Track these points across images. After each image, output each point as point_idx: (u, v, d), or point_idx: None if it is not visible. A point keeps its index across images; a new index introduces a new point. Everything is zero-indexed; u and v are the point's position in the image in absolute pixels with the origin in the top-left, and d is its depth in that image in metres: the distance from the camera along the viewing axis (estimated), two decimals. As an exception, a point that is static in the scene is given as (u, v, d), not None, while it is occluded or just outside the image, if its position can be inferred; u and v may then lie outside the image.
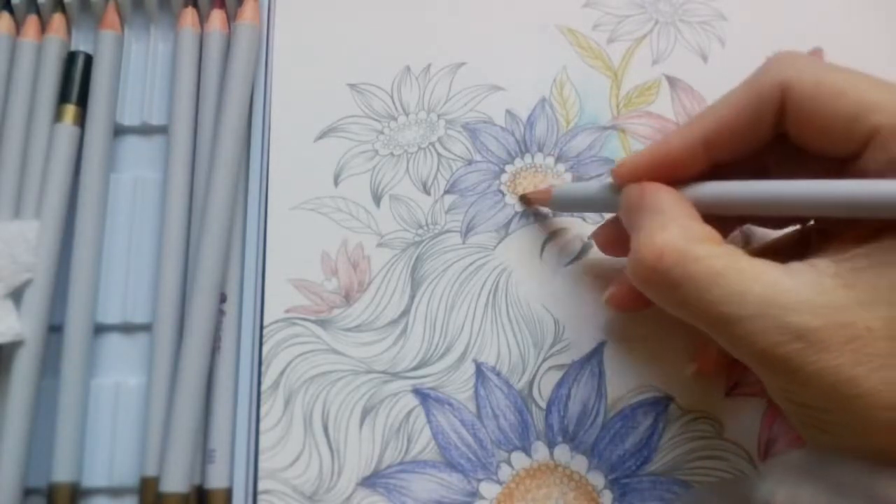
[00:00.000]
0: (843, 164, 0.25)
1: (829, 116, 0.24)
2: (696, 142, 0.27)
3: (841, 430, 0.23)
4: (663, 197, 0.26)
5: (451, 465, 0.30)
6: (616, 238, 0.30)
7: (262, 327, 0.32)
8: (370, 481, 0.30)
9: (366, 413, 0.30)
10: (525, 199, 0.34)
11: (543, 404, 0.31)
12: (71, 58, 0.35)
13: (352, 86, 0.36)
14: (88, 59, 0.35)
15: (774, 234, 0.30)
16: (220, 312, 0.31)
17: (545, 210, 0.34)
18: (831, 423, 0.23)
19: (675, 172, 0.27)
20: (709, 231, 0.25)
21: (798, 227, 0.30)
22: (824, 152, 0.25)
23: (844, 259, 0.23)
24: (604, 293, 0.30)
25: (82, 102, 0.34)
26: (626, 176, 0.28)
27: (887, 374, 0.21)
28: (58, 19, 0.35)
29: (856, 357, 0.22)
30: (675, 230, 0.24)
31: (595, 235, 0.32)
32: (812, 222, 0.28)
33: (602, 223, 0.32)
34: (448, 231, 0.33)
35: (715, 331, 0.24)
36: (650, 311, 0.32)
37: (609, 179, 0.29)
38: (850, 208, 0.24)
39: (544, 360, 0.31)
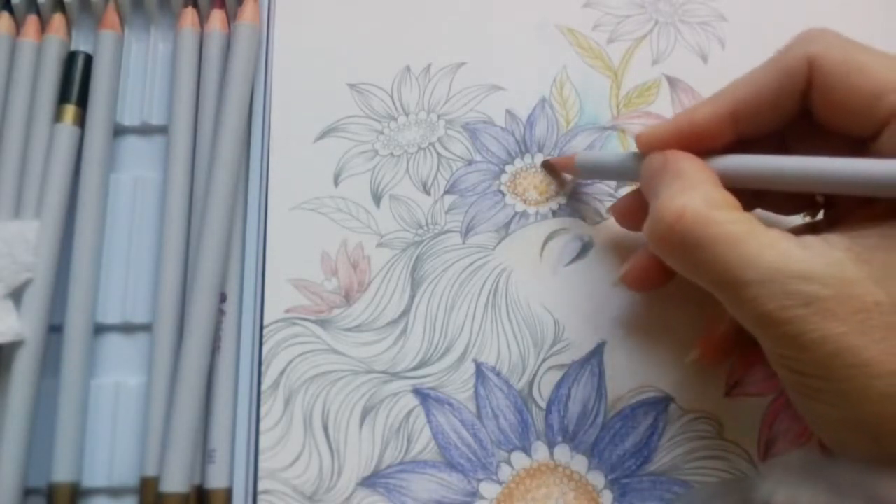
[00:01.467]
0: (862, 145, 0.25)
1: (853, 93, 0.25)
2: (725, 113, 0.27)
3: (835, 398, 0.23)
4: (686, 163, 0.26)
5: (451, 465, 0.30)
6: (636, 209, 0.30)
7: (262, 327, 0.32)
8: (370, 481, 0.30)
9: (366, 413, 0.30)
10: (548, 166, 0.34)
11: (543, 404, 0.31)
12: (71, 58, 0.35)
13: (352, 86, 0.36)
14: (88, 59, 0.35)
15: (783, 223, 0.31)
16: (220, 312, 0.31)
17: (566, 176, 0.34)
18: (826, 391, 0.23)
19: (701, 143, 0.27)
20: (729, 198, 0.25)
21: (808, 218, 0.30)
22: (846, 130, 0.26)
23: (857, 236, 0.24)
24: (618, 272, 0.31)
25: (82, 102, 0.34)
26: (651, 143, 0.28)
27: (889, 346, 0.22)
28: (58, 19, 0.35)
29: (861, 328, 0.22)
30: (696, 193, 0.25)
31: (613, 207, 0.32)
32: (822, 213, 0.29)
33: (622, 196, 0.32)
34: (448, 231, 0.33)
35: (724, 293, 0.24)
36: (650, 312, 0.32)
37: (633, 149, 0.29)
38: (867, 186, 0.24)
39: (544, 360, 0.31)
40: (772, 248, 0.23)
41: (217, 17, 0.36)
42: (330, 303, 0.32)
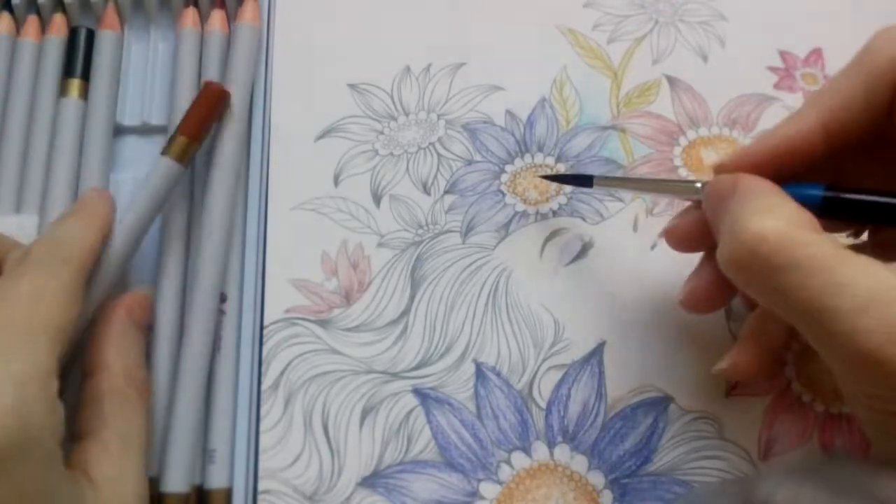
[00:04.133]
0: None
1: None
2: (816, 127, 0.25)
3: None
4: (759, 184, 0.25)
5: (451, 465, 0.30)
6: (696, 233, 0.28)
7: (262, 327, 0.32)
8: (370, 481, 0.30)
9: (366, 413, 0.30)
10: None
11: (543, 404, 0.31)
12: (73, 33, 0.35)
13: (352, 86, 0.36)
14: (90, 35, 0.35)
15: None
16: (220, 312, 0.31)
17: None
18: None
19: (794, 161, 0.25)
20: (811, 218, 0.23)
21: (852, 238, 0.29)
22: None
23: None
24: (678, 293, 0.29)
25: (86, 76, 0.34)
26: (738, 170, 0.26)
27: None
28: (58, 19, 0.35)
29: None
30: (778, 213, 0.23)
31: (668, 232, 0.29)
32: (866, 234, 0.28)
33: (675, 219, 0.30)
34: (448, 231, 0.33)
35: (811, 323, 0.22)
36: (650, 312, 0.32)
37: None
38: None
39: (544, 360, 0.31)
40: (865, 274, 0.21)
41: (217, 17, 0.36)
42: (330, 303, 0.32)
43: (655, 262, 0.33)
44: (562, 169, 0.35)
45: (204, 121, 0.32)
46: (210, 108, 0.32)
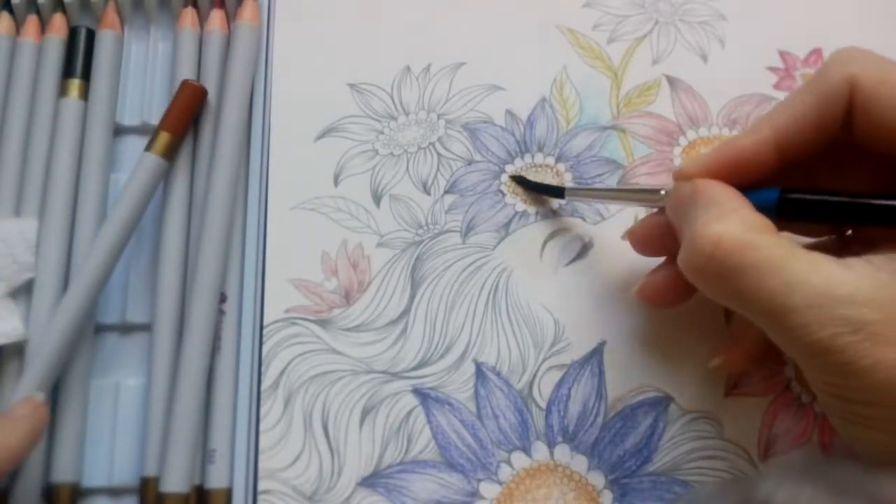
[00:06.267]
0: None
1: (893, 114, 0.24)
2: (768, 141, 0.26)
3: (887, 425, 0.23)
4: (718, 190, 0.26)
5: (451, 465, 0.30)
6: (656, 235, 0.29)
7: (262, 327, 0.32)
8: (370, 481, 0.30)
9: (366, 413, 0.30)
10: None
11: (543, 404, 0.31)
12: (73, 33, 0.35)
13: (352, 86, 0.36)
14: (91, 34, 0.35)
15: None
16: (220, 312, 0.31)
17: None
18: (878, 418, 0.23)
19: (746, 173, 0.26)
20: (766, 221, 0.25)
21: (832, 236, 0.29)
22: (889, 150, 0.25)
23: None
24: (633, 287, 0.30)
25: (86, 76, 0.34)
26: (691, 178, 0.27)
27: None
28: (58, 19, 0.35)
29: None
30: (733, 219, 0.24)
31: (630, 234, 0.31)
32: (850, 231, 0.28)
33: (637, 223, 0.31)
34: (448, 231, 0.33)
35: (768, 321, 0.24)
36: (650, 312, 0.32)
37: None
38: None
39: (544, 360, 0.31)
40: (816, 272, 0.22)
41: (217, 17, 0.36)
42: (330, 303, 0.32)
43: (655, 262, 0.33)
44: (562, 169, 0.35)
45: (184, 116, 0.33)
46: (188, 104, 0.33)
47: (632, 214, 0.34)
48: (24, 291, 0.31)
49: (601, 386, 0.31)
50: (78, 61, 0.34)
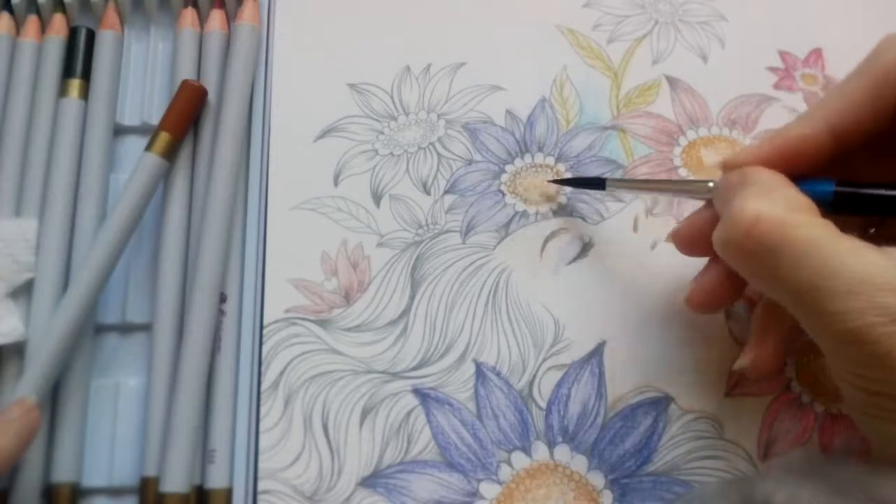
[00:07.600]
0: None
1: None
2: (822, 129, 0.26)
3: None
4: (763, 173, 0.25)
5: (451, 465, 0.30)
6: (704, 234, 0.28)
7: (262, 327, 0.32)
8: (370, 481, 0.30)
9: (366, 413, 0.30)
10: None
11: (543, 404, 0.31)
12: (73, 33, 0.35)
13: (352, 86, 0.36)
14: (91, 35, 0.35)
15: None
16: (220, 312, 0.31)
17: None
18: None
19: (800, 163, 0.26)
20: (808, 201, 0.24)
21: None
22: None
23: None
24: (684, 292, 0.29)
25: (86, 76, 0.34)
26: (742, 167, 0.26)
27: None
28: (58, 19, 0.35)
29: None
30: (776, 196, 0.24)
31: (675, 234, 0.29)
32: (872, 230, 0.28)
33: (681, 222, 0.30)
34: (448, 231, 0.33)
35: (802, 304, 0.23)
36: (650, 312, 0.32)
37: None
38: None
39: (544, 360, 0.31)
40: (856, 256, 0.22)
41: (217, 18, 0.36)
42: (330, 303, 0.32)
43: (655, 262, 0.33)
44: (562, 169, 0.35)
45: (184, 117, 0.33)
46: (188, 104, 0.33)
47: (631, 216, 0.34)
48: (24, 291, 0.31)
49: (601, 386, 0.31)
50: (78, 61, 0.34)
